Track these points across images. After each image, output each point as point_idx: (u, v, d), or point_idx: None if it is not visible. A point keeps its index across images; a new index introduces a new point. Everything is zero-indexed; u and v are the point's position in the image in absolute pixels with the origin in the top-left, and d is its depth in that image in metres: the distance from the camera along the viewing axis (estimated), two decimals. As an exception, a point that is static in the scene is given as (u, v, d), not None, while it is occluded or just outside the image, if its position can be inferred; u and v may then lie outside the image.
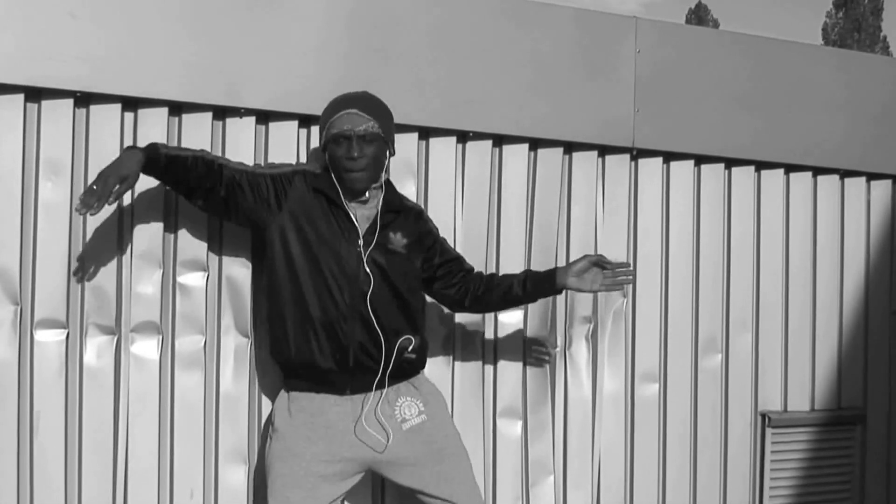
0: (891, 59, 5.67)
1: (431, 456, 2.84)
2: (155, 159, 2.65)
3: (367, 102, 2.84)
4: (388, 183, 2.92)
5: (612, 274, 2.94)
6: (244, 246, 3.07)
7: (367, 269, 2.77)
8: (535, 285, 2.98)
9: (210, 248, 3.04)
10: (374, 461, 2.82)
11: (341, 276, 2.77)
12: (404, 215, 2.90)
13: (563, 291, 3.01)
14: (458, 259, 3.02)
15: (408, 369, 2.86)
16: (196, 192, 2.77)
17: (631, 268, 2.97)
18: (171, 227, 3.00)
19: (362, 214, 2.83)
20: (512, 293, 2.98)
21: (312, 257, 2.77)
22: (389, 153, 2.89)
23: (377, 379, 2.78)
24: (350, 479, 2.85)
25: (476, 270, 3.05)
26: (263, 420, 3.08)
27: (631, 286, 3.60)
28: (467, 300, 3.00)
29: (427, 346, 2.95)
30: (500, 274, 3.16)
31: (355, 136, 2.77)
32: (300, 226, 2.79)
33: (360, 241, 2.79)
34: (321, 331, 2.76)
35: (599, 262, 2.95)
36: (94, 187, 2.49)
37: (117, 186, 2.51)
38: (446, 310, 3.18)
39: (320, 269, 2.77)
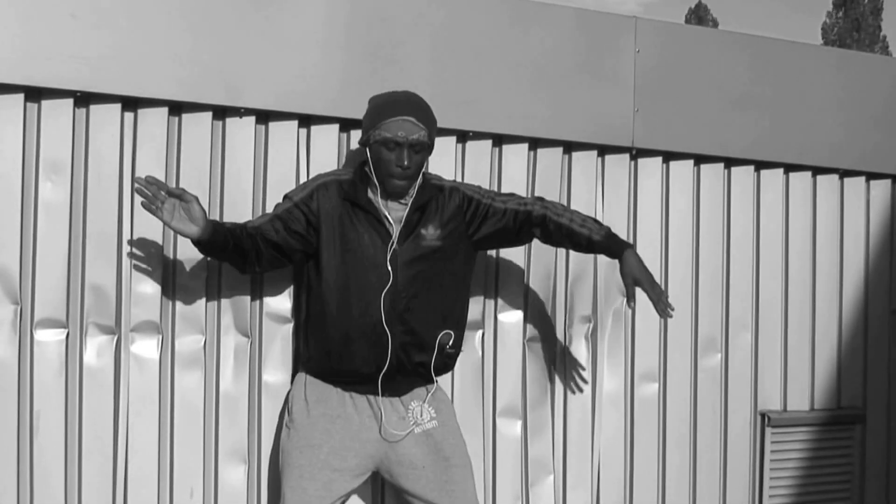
0: (890, 58, 5.68)
1: (438, 463, 2.86)
2: (217, 231, 2.70)
3: (420, 112, 2.84)
4: (422, 175, 2.91)
5: (655, 301, 2.88)
6: (244, 246, 3.07)
7: (394, 270, 2.77)
8: (603, 248, 2.98)
9: (210, 248, 3.04)
10: (385, 458, 2.85)
11: (377, 280, 2.78)
12: (437, 202, 2.88)
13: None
14: (507, 212, 2.93)
15: (448, 366, 2.92)
16: (248, 263, 2.82)
17: (670, 315, 2.91)
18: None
19: (396, 217, 2.84)
20: (582, 242, 2.97)
21: (349, 266, 2.79)
22: (430, 144, 2.91)
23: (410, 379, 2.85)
24: (360, 477, 2.87)
25: (534, 210, 2.95)
26: (263, 420, 3.09)
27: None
28: (549, 243, 3.02)
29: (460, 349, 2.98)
30: (563, 226, 2.96)
31: (408, 144, 2.78)
32: (334, 237, 2.81)
33: (394, 245, 2.79)
34: (362, 338, 2.78)
35: (653, 299, 2.89)
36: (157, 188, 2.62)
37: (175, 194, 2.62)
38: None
39: (358, 276, 2.79)
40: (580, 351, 3.53)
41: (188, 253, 3.00)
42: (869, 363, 4.00)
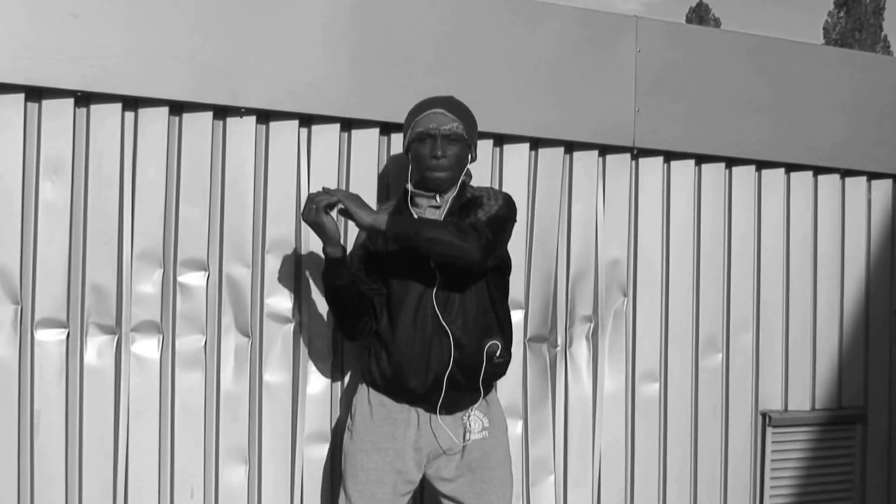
0: (892, 58, 5.68)
1: (481, 472, 2.84)
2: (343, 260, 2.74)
3: (452, 104, 2.86)
4: (462, 185, 2.90)
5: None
6: (244, 245, 3.07)
7: (431, 283, 2.76)
8: None
9: (210, 248, 3.05)
10: (438, 460, 2.82)
11: (416, 295, 2.77)
12: (471, 210, 2.83)
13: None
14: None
15: (497, 374, 2.88)
16: (363, 319, 2.85)
17: None
18: (171, 227, 3.00)
19: None
20: None
21: (393, 282, 2.81)
22: (471, 157, 2.91)
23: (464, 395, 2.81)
24: (415, 483, 2.86)
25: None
26: (264, 419, 3.08)
27: (632, 284, 3.60)
28: None
29: (510, 355, 2.93)
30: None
31: (440, 134, 2.79)
32: (389, 259, 2.81)
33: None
34: (412, 355, 2.76)
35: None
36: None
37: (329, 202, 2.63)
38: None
39: (401, 292, 2.79)
40: (581, 351, 3.53)
41: (189, 253, 3.00)
42: (870, 363, 4.00)
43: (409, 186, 2.87)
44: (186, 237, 3.01)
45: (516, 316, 3.40)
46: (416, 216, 2.81)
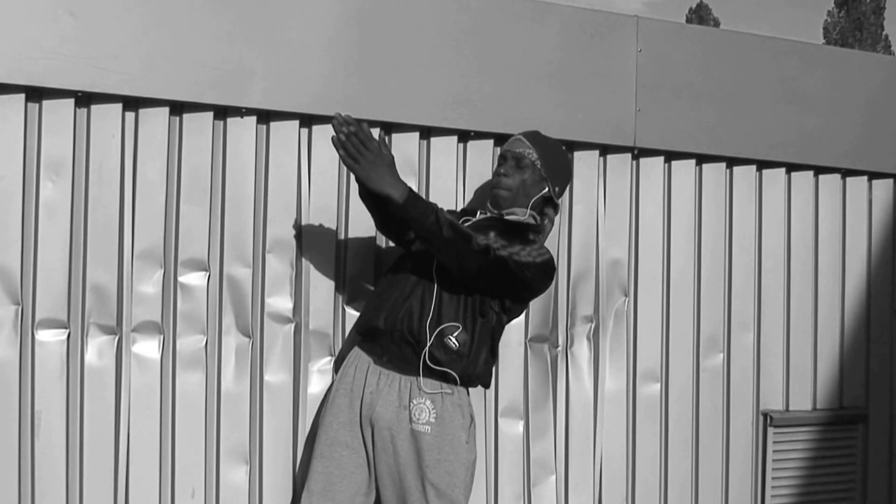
0: (892, 58, 5.67)
1: (415, 469, 2.78)
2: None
3: (535, 135, 3.02)
4: (527, 225, 2.95)
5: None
6: (245, 245, 3.07)
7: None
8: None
9: (211, 248, 3.04)
10: (373, 435, 2.81)
11: (425, 256, 2.84)
12: (510, 237, 2.88)
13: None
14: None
15: (442, 360, 2.78)
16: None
17: None
18: (171, 227, 3.00)
19: None
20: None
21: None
22: (551, 195, 2.97)
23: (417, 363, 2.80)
24: (361, 456, 2.84)
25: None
26: (264, 420, 3.08)
27: (633, 284, 3.60)
28: None
29: (488, 363, 2.90)
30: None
31: (511, 155, 2.95)
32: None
33: None
34: (393, 300, 2.85)
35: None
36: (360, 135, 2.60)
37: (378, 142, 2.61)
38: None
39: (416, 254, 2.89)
40: (582, 351, 3.52)
41: (190, 252, 3.00)
42: (871, 362, 4.00)
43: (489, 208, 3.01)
44: (187, 237, 3.01)
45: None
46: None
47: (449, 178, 3.32)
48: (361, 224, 3.16)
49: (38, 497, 2.83)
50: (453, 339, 2.81)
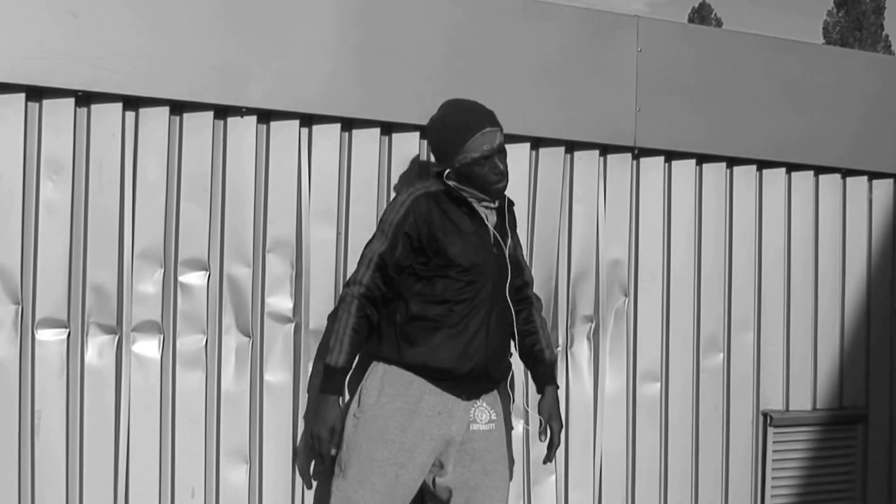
0: (892, 57, 5.67)
1: (480, 466, 2.87)
2: (347, 373, 2.85)
3: (491, 116, 2.93)
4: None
5: (550, 444, 3.08)
6: (245, 245, 3.07)
7: (509, 267, 2.92)
8: (534, 375, 3.12)
9: (211, 248, 3.04)
10: (445, 450, 2.85)
11: (485, 279, 2.85)
12: (510, 214, 3.03)
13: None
14: (522, 269, 3.09)
15: (509, 370, 3.00)
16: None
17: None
18: (172, 227, 3.00)
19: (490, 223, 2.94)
20: (531, 352, 3.08)
21: (460, 264, 2.83)
22: None
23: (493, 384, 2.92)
24: (425, 474, 2.86)
25: (529, 289, 3.12)
26: (264, 419, 3.08)
27: (633, 284, 3.60)
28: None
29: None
30: (533, 321, 3.09)
31: (496, 152, 2.88)
32: (439, 240, 2.83)
33: (504, 243, 2.91)
34: (470, 336, 2.82)
35: (551, 439, 3.07)
36: (314, 448, 2.85)
37: (334, 437, 2.81)
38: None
39: (468, 274, 2.83)
40: (582, 351, 3.52)
41: (190, 252, 2.99)
42: (871, 362, 4.00)
43: (452, 183, 2.90)
44: (187, 237, 3.00)
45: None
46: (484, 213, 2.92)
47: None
48: (361, 224, 3.16)
49: (38, 496, 2.83)
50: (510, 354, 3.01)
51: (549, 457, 3.08)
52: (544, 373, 3.08)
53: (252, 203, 3.09)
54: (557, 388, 3.13)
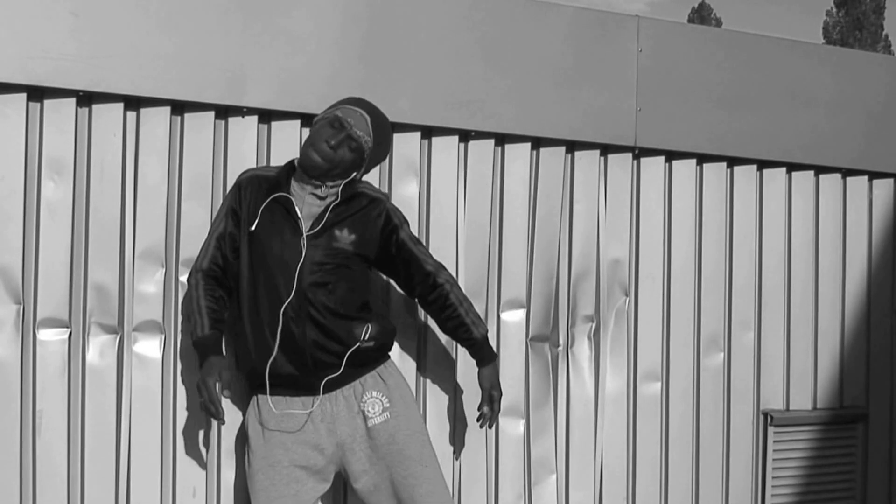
0: (892, 57, 5.67)
1: (392, 457, 2.83)
2: (219, 337, 2.79)
3: (378, 119, 2.86)
4: (352, 180, 2.86)
5: (488, 414, 2.99)
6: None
7: (301, 265, 2.74)
8: (471, 353, 3.03)
9: (212, 248, 3.04)
10: (343, 456, 2.82)
11: (285, 276, 2.74)
12: (357, 206, 2.83)
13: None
14: (419, 261, 2.91)
15: (373, 356, 2.85)
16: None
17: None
18: (173, 226, 3.00)
19: (311, 213, 2.79)
20: (457, 331, 2.99)
21: (261, 264, 2.78)
22: (366, 158, 2.86)
23: (337, 374, 2.77)
24: (326, 481, 2.86)
25: (439, 277, 2.93)
26: (266, 419, 3.08)
27: (633, 284, 3.60)
28: (419, 302, 3.02)
29: (393, 331, 2.95)
30: (452, 306, 2.96)
31: (347, 134, 2.76)
32: (252, 235, 2.78)
33: (303, 240, 2.75)
34: (277, 336, 2.75)
35: (486, 410, 2.99)
36: (202, 399, 2.68)
37: (218, 384, 2.67)
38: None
39: (268, 275, 2.76)
40: (583, 350, 3.53)
41: (190, 252, 2.99)
42: (872, 362, 4.00)
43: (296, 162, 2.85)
44: (188, 237, 3.00)
45: (518, 315, 3.41)
46: (298, 207, 2.78)
47: (449, 178, 3.32)
48: (362, 223, 3.16)
49: (39, 496, 2.83)
50: (367, 341, 2.83)
51: (489, 423, 3.00)
52: (479, 350, 2.98)
53: (253, 203, 3.08)
54: (496, 359, 3.04)
